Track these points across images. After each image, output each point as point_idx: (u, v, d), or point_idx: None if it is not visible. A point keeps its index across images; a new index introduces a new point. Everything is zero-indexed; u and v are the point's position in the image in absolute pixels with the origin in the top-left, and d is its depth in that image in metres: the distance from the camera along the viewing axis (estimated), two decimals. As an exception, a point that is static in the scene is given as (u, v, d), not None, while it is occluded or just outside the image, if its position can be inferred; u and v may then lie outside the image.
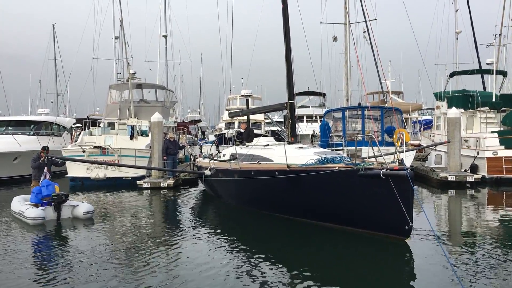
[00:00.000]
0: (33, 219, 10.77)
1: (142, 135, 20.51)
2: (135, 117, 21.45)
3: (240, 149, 13.31)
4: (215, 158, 15.06)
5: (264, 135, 17.73)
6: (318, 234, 9.44)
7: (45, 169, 11.84)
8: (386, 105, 23.60)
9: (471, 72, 25.39)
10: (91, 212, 11.58)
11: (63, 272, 7.08)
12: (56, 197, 11.18)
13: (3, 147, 19.38)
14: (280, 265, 7.34)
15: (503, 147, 17.23)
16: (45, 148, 12.82)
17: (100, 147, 18.65)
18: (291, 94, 13.93)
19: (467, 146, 18.81)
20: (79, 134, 22.07)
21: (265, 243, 9.08)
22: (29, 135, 21.74)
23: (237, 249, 8.45)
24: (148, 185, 17.13)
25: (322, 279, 6.64)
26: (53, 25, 44.30)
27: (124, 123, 21.23)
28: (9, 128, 22.51)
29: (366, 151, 13.44)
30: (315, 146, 14.25)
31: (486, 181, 16.92)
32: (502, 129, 18.60)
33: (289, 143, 13.03)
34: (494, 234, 9.37)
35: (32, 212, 10.90)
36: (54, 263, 7.65)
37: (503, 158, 16.92)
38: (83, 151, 18.44)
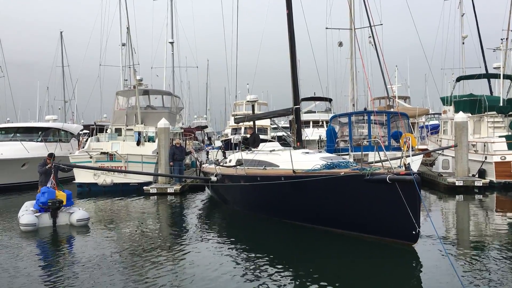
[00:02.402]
0: (24, 225, 10.72)
1: (148, 141, 20.58)
2: (142, 123, 21.55)
3: (246, 155, 13.33)
4: (221, 164, 15.08)
5: (270, 141, 17.74)
6: (324, 240, 9.41)
7: (52, 176, 11.90)
8: (392, 110, 23.53)
9: (478, 76, 25.28)
10: (85, 219, 11.41)
11: (66, 277, 7.12)
12: (50, 203, 11.13)
13: (12, 154, 19.53)
14: (287, 271, 7.33)
15: (511, 151, 17.09)
16: (51, 155, 12.91)
17: (107, 153, 18.74)
18: (296, 99, 13.95)
19: (474, 150, 18.68)
20: (86, 140, 22.20)
21: (271, 249, 9.06)
22: (37, 141, 21.90)
23: (244, 255, 8.45)
24: (154, 191, 17.18)
25: (326, 285, 6.61)
26: (61, 32, 44.85)
27: (131, 129, 21.33)
28: (17, 134, 22.68)
29: (372, 156, 13.39)
30: (321, 151, 14.24)
31: (494, 186, 16.78)
32: (509, 133, 18.46)
33: (295, 148, 13.02)
34: (503, 240, 9.26)
35: (25, 218, 10.87)
36: (57, 269, 7.68)
37: (511, 162, 16.78)
38: (90, 157, 18.55)
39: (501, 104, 19.71)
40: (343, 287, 6.66)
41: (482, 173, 17.45)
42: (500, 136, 18.04)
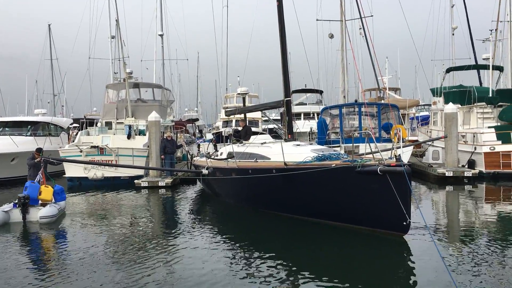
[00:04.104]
0: None
1: (139, 135, 20.49)
2: (132, 117, 21.42)
3: (237, 147, 13.31)
4: (213, 157, 15.05)
5: (261, 133, 17.72)
6: (316, 232, 9.45)
7: (41, 170, 11.76)
8: (383, 101, 23.64)
9: (468, 67, 25.43)
10: (50, 216, 10.96)
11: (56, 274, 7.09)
12: (17, 199, 10.97)
13: (1, 148, 19.33)
14: (279, 263, 7.34)
15: (500, 142, 17.27)
16: (39, 150, 12.77)
17: (98, 147, 18.63)
18: (287, 91, 13.92)
19: (464, 141, 18.84)
20: (76, 134, 22.03)
21: (263, 241, 9.08)
22: (26, 135, 21.70)
23: (236, 248, 8.45)
24: (146, 184, 17.12)
25: (319, 277, 6.64)
26: (49, 25, 44.30)
27: (122, 123, 21.21)
28: (6, 129, 22.46)
29: (363, 148, 13.45)
30: (312, 144, 14.26)
31: (484, 176, 16.95)
32: (499, 124, 18.64)
33: (286, 140, 13.02)
34: (492, 230, 9.39)
35: None
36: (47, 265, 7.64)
37: (500, 153, 16.97)
38: (81, 151, 18.42)
39: (490, 95, 19.87)
40: (336, 278, 6.68)
41: (471, 164, 17.62)
42: (489, 127, 18.22)
